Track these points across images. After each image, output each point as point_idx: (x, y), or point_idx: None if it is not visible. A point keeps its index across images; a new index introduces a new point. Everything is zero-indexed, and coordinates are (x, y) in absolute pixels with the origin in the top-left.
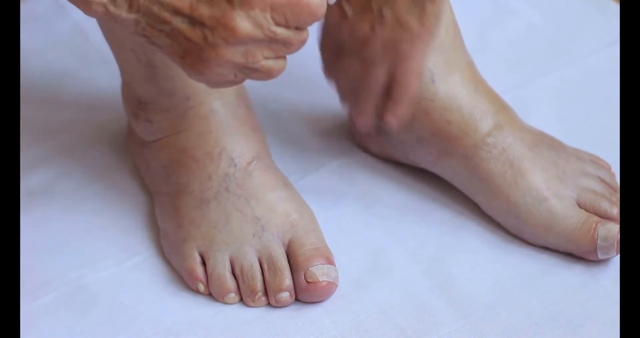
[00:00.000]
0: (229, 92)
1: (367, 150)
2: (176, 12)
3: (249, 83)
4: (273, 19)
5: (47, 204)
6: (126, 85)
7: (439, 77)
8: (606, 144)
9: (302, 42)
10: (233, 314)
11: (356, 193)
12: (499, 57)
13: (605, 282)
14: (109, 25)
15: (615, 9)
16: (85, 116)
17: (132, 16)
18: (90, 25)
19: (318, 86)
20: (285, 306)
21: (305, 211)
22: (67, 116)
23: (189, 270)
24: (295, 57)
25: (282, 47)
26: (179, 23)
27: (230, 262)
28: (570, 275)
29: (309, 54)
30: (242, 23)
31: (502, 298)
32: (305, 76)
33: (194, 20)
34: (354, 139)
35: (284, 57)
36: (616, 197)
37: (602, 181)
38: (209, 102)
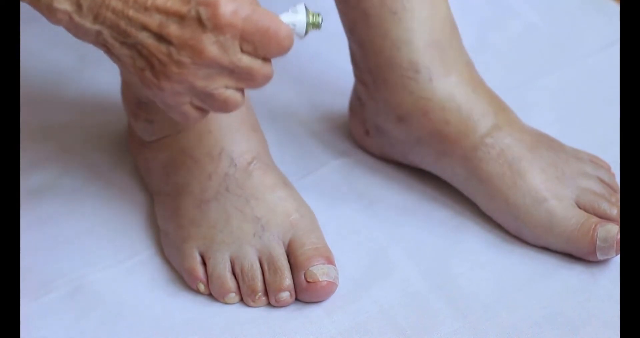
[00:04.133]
0: None
1: (367, 150)
2: (144, 28)
3: None
4: (241, 46)
5: (47, 204)
6: (126, 85)
7: (437, 76)
8: (606, 144)
9: (265, 77)
10: (233, 314)
11: (356, 193)
12: (499, 57)
13: (605, 282)
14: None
15: (615, 9)
16: (85, 116)
17: (96, 27)
18: None
19: (317, 85)
20: (285, 306)
21: (306, 211)
22: (67, 116)
23: (189, 269)
24: (295, 58)
25: (244, 78)
26: (145, 38)
27: (231, 262)
28: (570, 275)
29: (308, 55)
30: (210, 46)
31: (502, 298)
32: (305, 76)
33: (161, 37)
34: (354, 139)
35: (242, 92)
36: (616, 197)
37: (602, 181)
38: None
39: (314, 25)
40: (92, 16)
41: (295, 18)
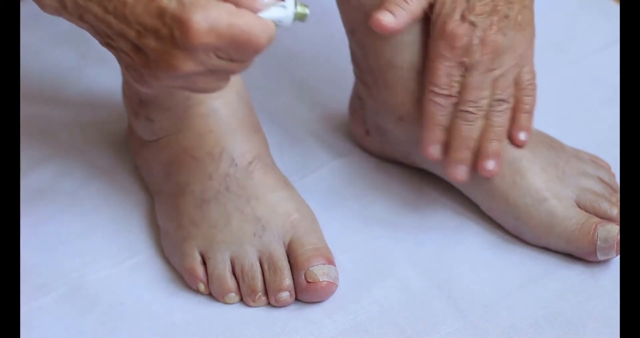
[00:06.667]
0: (230, 91)
1: (367, 150)
2: (122, 35)
3: (248, 82)
4: (216, 55)
5: (47, 204)
6: (127, 84)
7: None
8: (606, 144)
9: (246, 67)
10: (233, 314)
11: (356, 193)
12: None
13: (605, 282)
14: None
15: (615, 9)
16: (85, 116)
17: (83, 25)
18: None
19: (317, 85)
20: (285, 306)
21: (306, 211)
22: (67, 115)
23: (189, 269)
24: (295, 58)
25: (224, 75)
26: (124, 45)
27: (231, 262)
28: (570, 275)
29: (308, 55)
30: (184, 62)
31: (502, 298)
32: (305, 76)
33: (139, 48)
34: (354, 139)
35: (228, 78)
36: (616, 197)
37: (602, 181)
38: (210, 102)
39: (300, 18)
40: (77, 15)
41: (282, 13)
